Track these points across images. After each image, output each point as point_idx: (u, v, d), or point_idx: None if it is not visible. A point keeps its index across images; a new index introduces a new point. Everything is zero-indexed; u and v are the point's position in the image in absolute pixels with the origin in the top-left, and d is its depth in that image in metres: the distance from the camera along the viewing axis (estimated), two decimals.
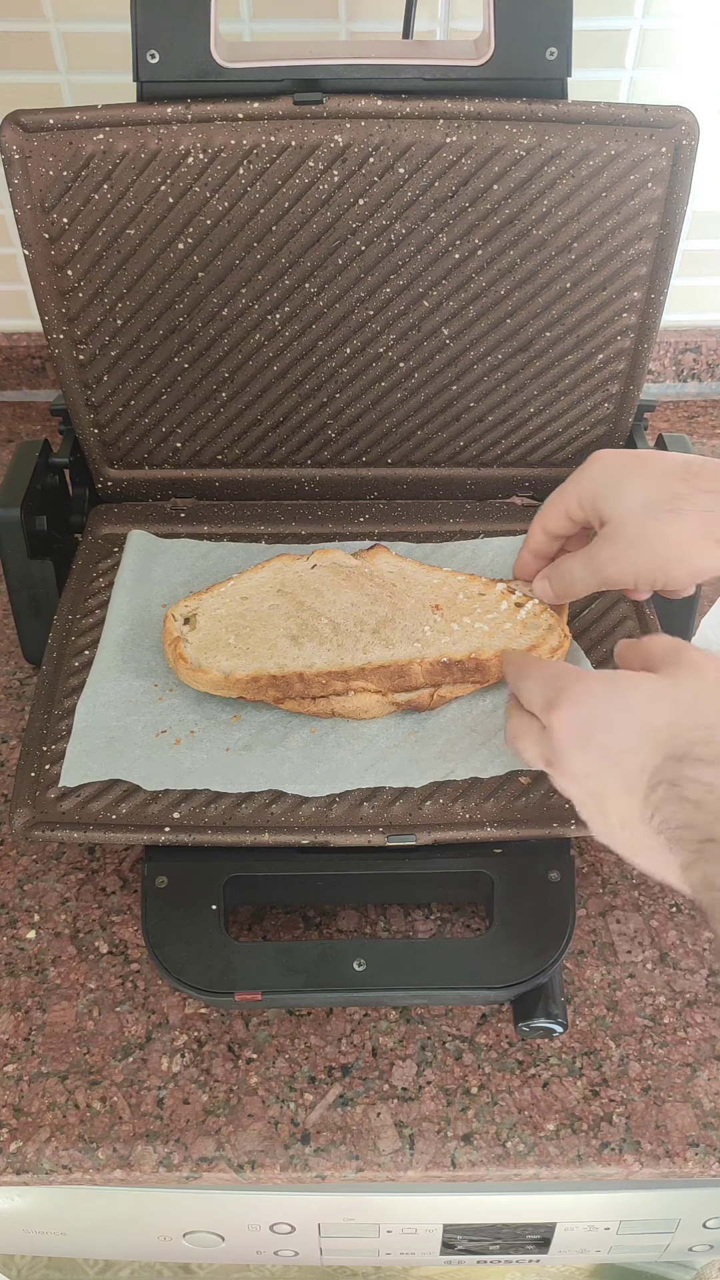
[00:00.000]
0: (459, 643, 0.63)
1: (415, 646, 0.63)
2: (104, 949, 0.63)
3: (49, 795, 0.60)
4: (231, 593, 0.67)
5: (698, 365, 1.01)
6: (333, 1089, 0.58)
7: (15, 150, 0.63)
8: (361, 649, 0.63)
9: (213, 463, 0.77)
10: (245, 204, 0.66)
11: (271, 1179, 0.56)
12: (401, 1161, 0.56)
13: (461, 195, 0.65)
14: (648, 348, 0.71)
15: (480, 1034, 0.60)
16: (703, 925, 0.64)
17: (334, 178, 0.65)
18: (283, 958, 0.58)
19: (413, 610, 0.66)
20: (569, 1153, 0.56)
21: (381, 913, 0.64)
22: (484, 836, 0.59)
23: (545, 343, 0.71)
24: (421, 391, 0.73)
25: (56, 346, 0.70)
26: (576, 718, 0.48)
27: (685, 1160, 0.56)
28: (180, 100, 0.62)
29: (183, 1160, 0.56)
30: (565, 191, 0.65)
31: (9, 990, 0.61)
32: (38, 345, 0.99)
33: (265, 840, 0.59)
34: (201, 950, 0.58)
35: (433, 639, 0.64)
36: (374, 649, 0.63)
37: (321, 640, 0.64)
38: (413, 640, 0.64)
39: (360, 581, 0.67)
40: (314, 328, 0.70)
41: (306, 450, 0.76)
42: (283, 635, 0.64)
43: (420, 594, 0.67)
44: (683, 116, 0.63)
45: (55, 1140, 0.56)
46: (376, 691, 0.62)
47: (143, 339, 0.70)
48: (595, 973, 0.62)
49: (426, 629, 0.64)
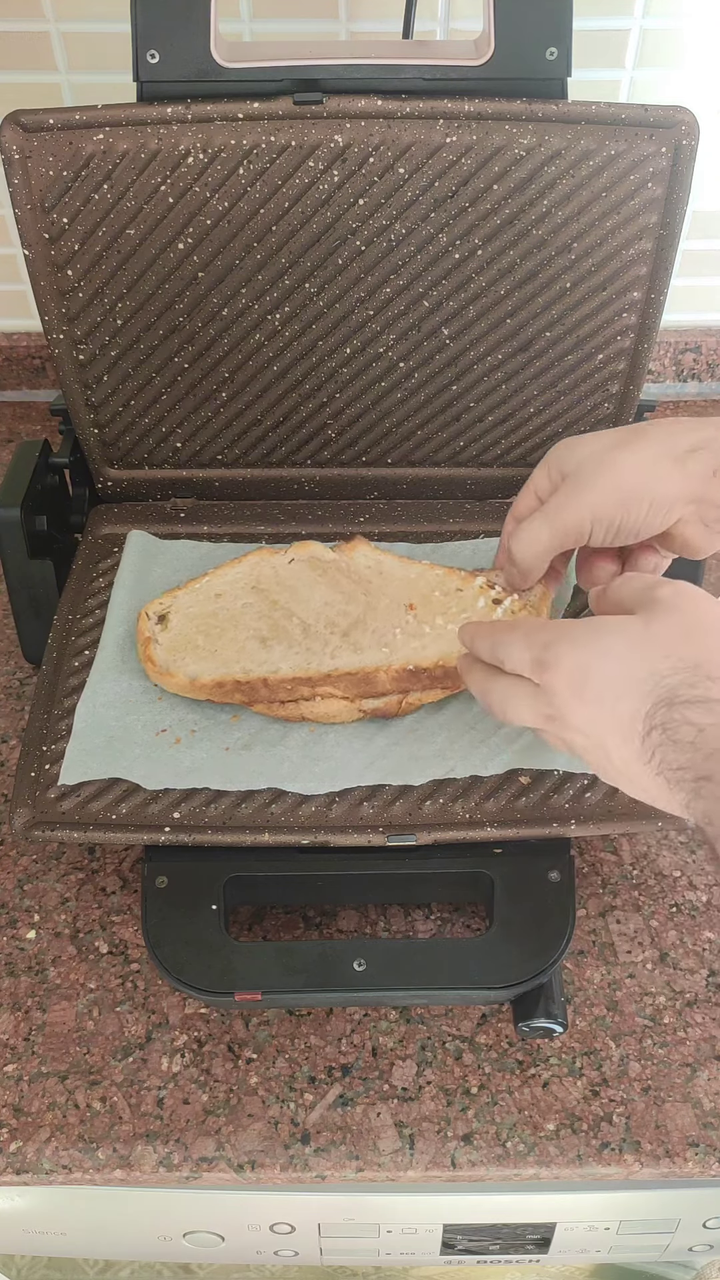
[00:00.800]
0: (428, 647, 0.62)
1: (383, 652, 0.62)
2: (104, 949, 0.63)
3: (49, 795, 0.60)
4: (206, 589, 0.67)
5: (698, 365, 1.01)
6: (333, 1089, 0.58)
7: (15, 150, 0.63)
8: (329, 654, 0.63)
9: (213, 463, 0.77)
10: (245, 204, 0.66)
11: (271, 1179, 0.56)
12: (401, 1161, 0.56)
13: (461, 195, 0.65)
14: (648, 348, 0.71)
15: (480, 1034, 0.60)
16: (703, 925, 0.64)
17: (334, 178, 0.65)
18: (283, 958, 0.58)
19: (386, 610, 0.64)
20: (569, 1153, 0.56)
21: (381, 913, 0.64)
22: (484, 836, 0.59)
23: (545, 343, 0.71)
24: (421, 391, 0.73)
25: (56, 346, 0.70)
26: (572, 671, 0.47)
27: (685, 1160, 0.56)
28: (180, 100, 0.62)
29: (183, 1160, 0.56)
30: (565, 191, 0.65)
31: (9, 990, 0.61)
32: (38, 345, 0.99)
33: (265, 840, 0.59)
34: (201, 950, 0.58)
35: (402, 643, 0.63)
36: (342, 654, 0.63)
37: (290, 644, 0.63)
38: (381, 645, 0.63)
39: (336, 578, 0.66)
40: (314, 328, 0.70)
41: (306, 450, 0.76)
42: (252, 637, 0.64)
43: (396, 591, 0.65)
44: (683, 116, 0.63)
45: (55, 1140, 0.56)
46: (344, 698, 0.62)
47: (143, 339, 0.70)
48: (595, 973, 0.62)
49: (397, 632, 0.63)
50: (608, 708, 0.46)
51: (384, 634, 0.63)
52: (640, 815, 0.59)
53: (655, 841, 0.68)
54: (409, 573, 0.66)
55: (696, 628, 0.47)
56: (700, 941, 0.63)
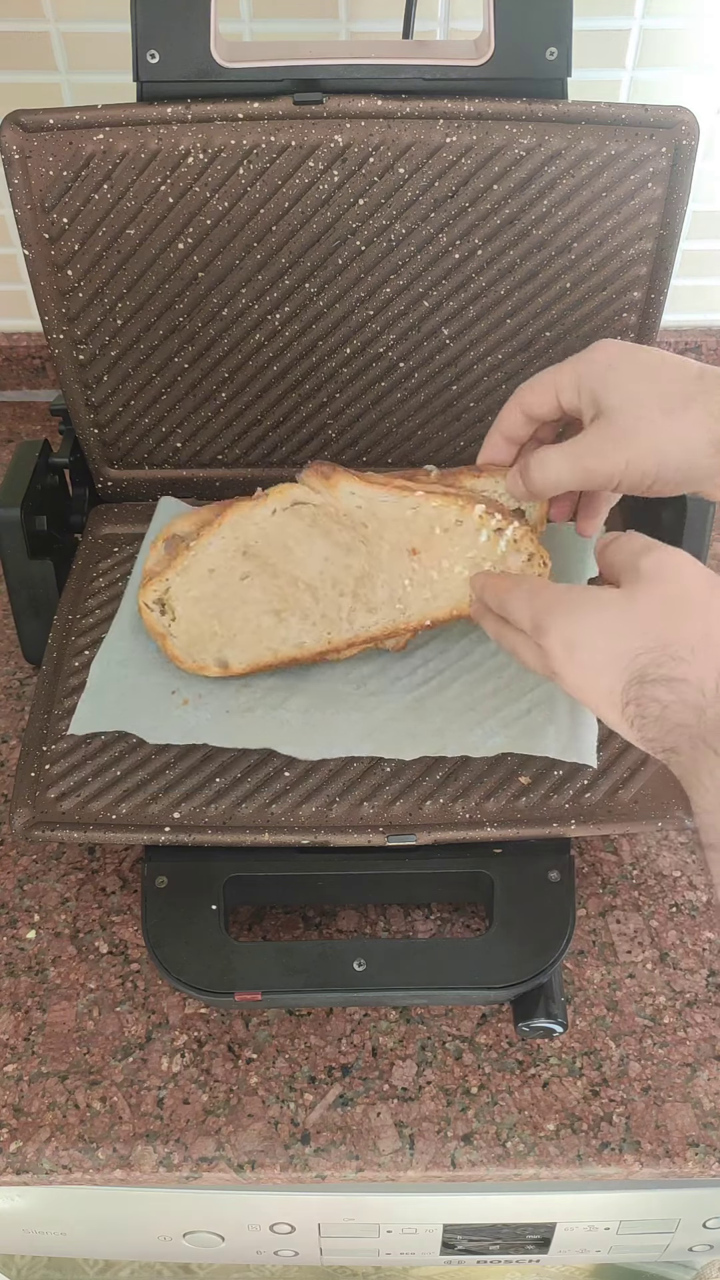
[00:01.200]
0: (439, 597, 0.62)
1: (397, 609, 0.63)
2: (104, 949, 0.63)
3: (49, 795, 0.60)
4: (197, 566, 0.64)
5: None
6: (333, 1089, 0.58)
7: (15, 150, 0.63)
8: (345, 618, 0.63)
9: (213, 463, 0.77)
10: (245, 204, 0.66)
11: (271, 1179, 0.56)
12: (401, 1161, 0.56)
13: (461, 195, 0.65)
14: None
15: (480, 1034, 0.60)
16: (703, 925, 0.64)
17: (334, 178, 0.65)
18: (283, 958, 0.58)
19: (389, 558, 0.62)
20: (569, 1153, 0.56)
21: (381, 913, 0.64)
22: (484, 836, 0.59)
23: (545, 343, 0.71)
24: (421, 391, 0.73)
25: (56, 346, 0.70)
26: (562, 638, 0.50)
27: (685, 1160, 0.56)
28: (180, 100, 0.62)
29: (183, 1160, 0.56)
30: (565, 191, 0.65)
31: (9, 990, 0.61)
32: (38, 345, 0.99)
33: (265, 840, 0.59)
34: (201, 950, 0.58)
35: (413, 594, 0.62)
36: (358, 616, 0.63)
37: (304, 614, 0.64)
38: (394, 600, 0.63)
39: (328, 527, 0.63)
40: (314, 328, 0.70)
41: (306, 450, 0.76)
42: (265, 612, 0.64)
43: (394, 535, 0.62)
44: (683, 116, 0.63)
45: (55, 1140, 0.56)
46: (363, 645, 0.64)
47: (143, 339, 0.70)
48: (595, 973, 0.62)
49: (406, 582, 0.62)
50: (593, 678, 0.49)
51: (393, 586, 0.63)
52: (640, 815, 0.59)
53: (655, 841, 0.68)
54: (403, 510, 0.62)
55: (674, 603, 0.48)
56: (700, 941, 0.63)
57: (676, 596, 0.48)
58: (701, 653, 0.46)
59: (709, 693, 0.46)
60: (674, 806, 0.59)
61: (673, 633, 0.47)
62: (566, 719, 0.63)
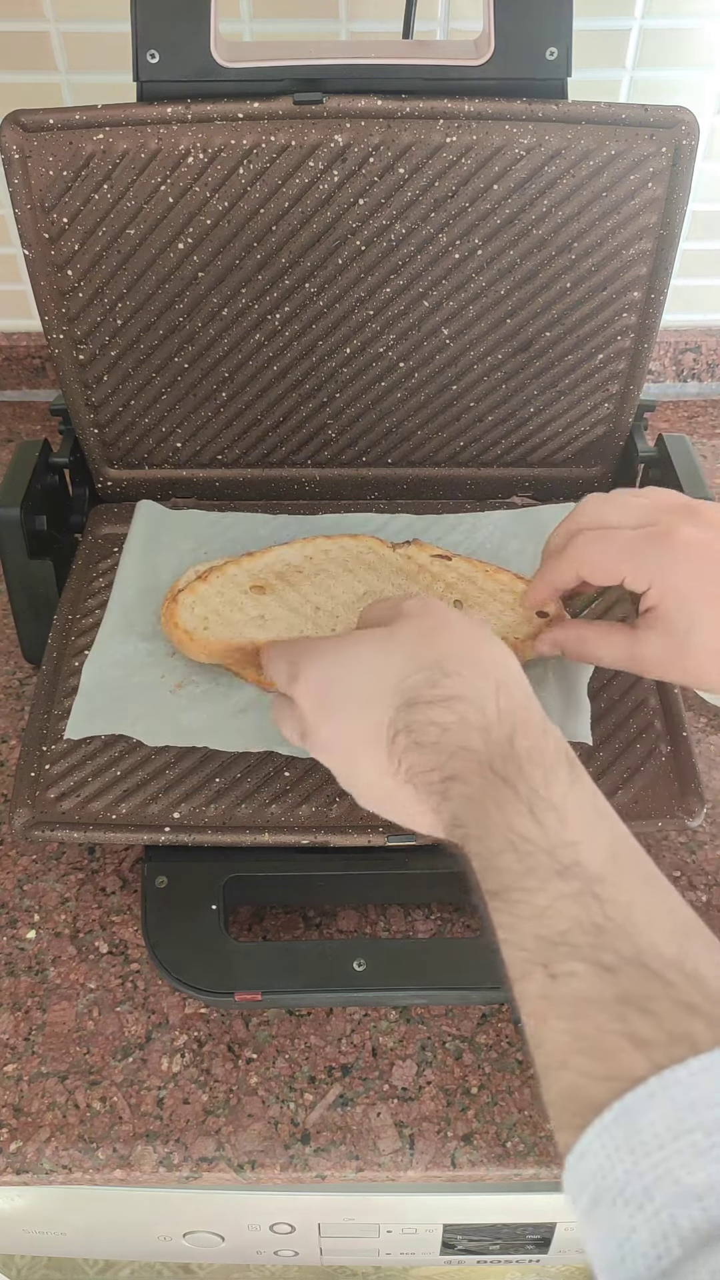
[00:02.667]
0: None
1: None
2: (104, 949, 0.63)
3: (49, 795, 0.60)
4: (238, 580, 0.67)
5: (698, 365, 1.01)
6: (333, 1089, 0.58)
7: (15, 150, 0.63)
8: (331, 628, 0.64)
9: (213, 463, 0.77)
10: (245, 204, 0.66)
11: (271, 1179, 0.56)
12: (401, 1161, 0.56)
13: (461, 195, 0.65)
14: (648, 348, 0.71)
15: (480, 1034, 0.60)
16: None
17: (334, 178, 0.65)
18: (283, 958, 0.58)
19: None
20: None
21: (381, 913, 0.64)
22: None
23: (545, 343, 0.71)
24: (421, 391, 0.73)
25: (56, 346, 0.70)
26: (313, 683, 0.48)
27: None
28: (180, 100, 0.62)
29: (183, 1160, 0.56)
30: (565, 191, 0.65)
31: (9, 990, 0.61)
32: (38, 345, 0.99)
33: (265, 840, 0.59)
34: (201, 950, 0.58)
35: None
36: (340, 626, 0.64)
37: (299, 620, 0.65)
38: None
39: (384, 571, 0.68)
40: (314, 328, 0.70)
41: (306, 450, 0.76)
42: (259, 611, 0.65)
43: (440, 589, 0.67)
44: (683, 116, 0.63)
45: (55, 1140, 0.56)
46: None
47: (143, 339, 0.70)
48: None
49: None
50: (352, 718, 0.47)
51: None
52: (640, 815, 0.59)
53: (655, 842, 0.67)
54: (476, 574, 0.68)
55: (435, 629, 0.47)
56: None
57: (439, 625, 0.48)
58: (472, 665, 0.45)
59: (490, 711, 0.44)
60: (674, 806, 0.59)
61: (439, 652, 0.46)
62: (559, 700, 0.63)
